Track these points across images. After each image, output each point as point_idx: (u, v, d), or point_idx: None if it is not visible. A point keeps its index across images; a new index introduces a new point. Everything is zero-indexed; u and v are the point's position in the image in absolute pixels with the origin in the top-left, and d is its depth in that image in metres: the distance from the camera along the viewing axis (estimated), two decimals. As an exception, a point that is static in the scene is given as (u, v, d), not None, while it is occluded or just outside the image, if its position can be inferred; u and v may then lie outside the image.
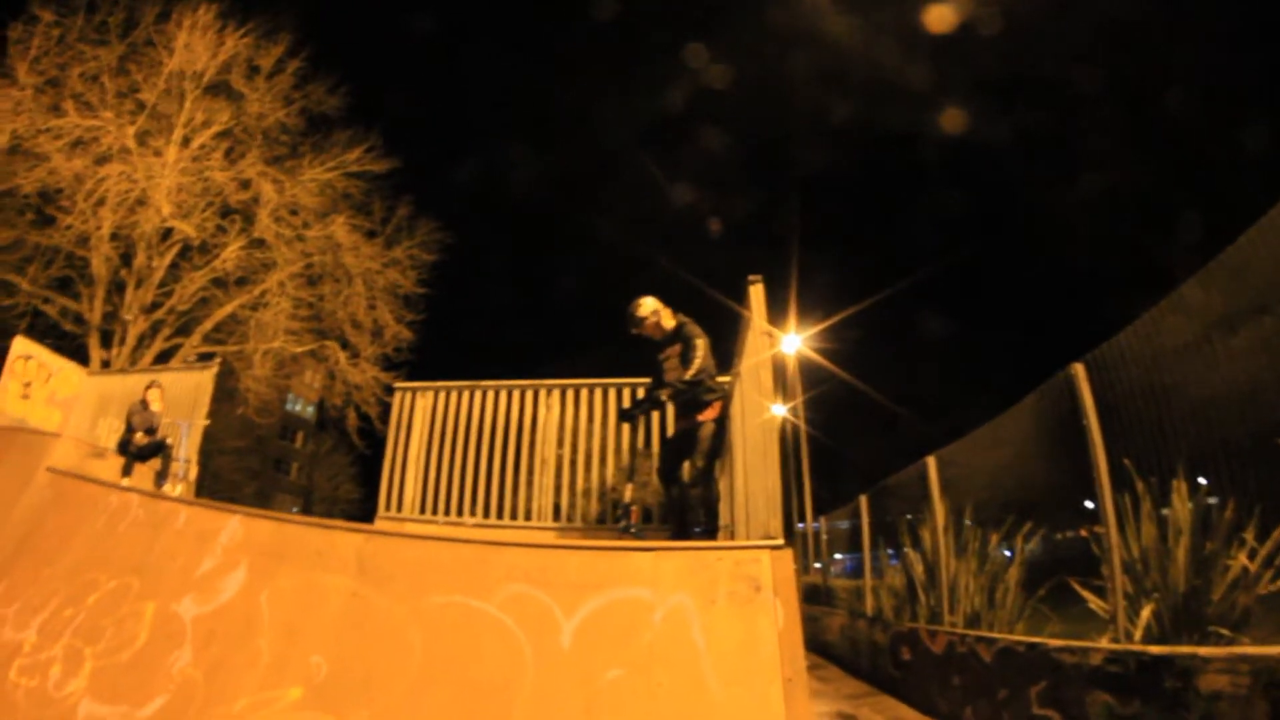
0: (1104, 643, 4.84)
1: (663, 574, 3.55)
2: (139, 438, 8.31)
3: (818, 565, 16.74)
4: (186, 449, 8.96)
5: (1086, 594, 5.49)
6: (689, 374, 4.92)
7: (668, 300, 5.37)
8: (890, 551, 10.72)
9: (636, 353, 5.58)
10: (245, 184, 20.21)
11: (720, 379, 5.24)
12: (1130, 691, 4.18)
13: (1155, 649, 4.17)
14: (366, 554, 4.22)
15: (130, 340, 19.60)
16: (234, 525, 4.91)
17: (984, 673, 6.08)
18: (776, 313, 22.82)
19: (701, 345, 5.01)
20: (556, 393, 6.58)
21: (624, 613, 3.50)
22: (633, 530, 5.91)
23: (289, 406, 51.86)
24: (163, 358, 19.75)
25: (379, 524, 6.39)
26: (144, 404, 8.57)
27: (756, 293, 4.34)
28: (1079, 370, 5.42)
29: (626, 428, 6.28)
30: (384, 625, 3.88)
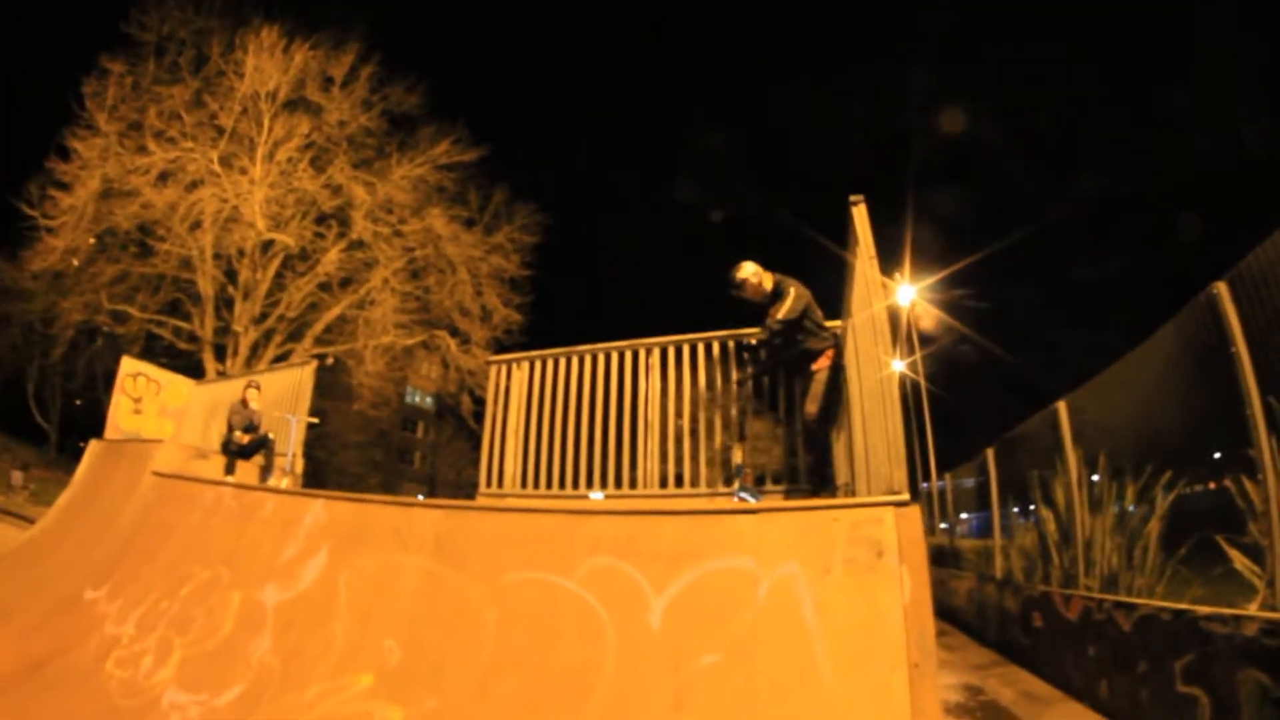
0: (1256, 611, 4.19)
1: (768, 540, 3.05)
2: (239, 436, 8.48)
3: (944, 525, 15.93)
4: (292, 443, 9.07)
5: (1235, 554, 4.81)
6: (779, 314, 4.87)
7: (782, 261, 5.32)
8: (1017, 510, 9.95)
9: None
10: (336, 190, 20.91)
11: (830, 324, 5.11)
12: None
13: None
14: (444, 531, 4.00)
15: (243, 350, 20.67)
16: (317, 509, 4.88)
17: (1123, 643, 5.45)
18: (891, 263, 21.91)
19: (794, 291, 4.93)
20: (657, 351, 6.16)
21: (723, 587, 3.03)
22: (745, 494, 5.51)
23: (408, 399, 54.21)
24: (277, 363, 20.62)
25: (479, 501, 6.22)
26: (243, 403, 8.75)
27: (860, 214, 3.83)
28: (1222, 290, 4.69)
29: (735, 382, 5.93)
30: (458, 606, 3.63)
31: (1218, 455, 5.18)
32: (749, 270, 5.22)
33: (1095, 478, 7.03)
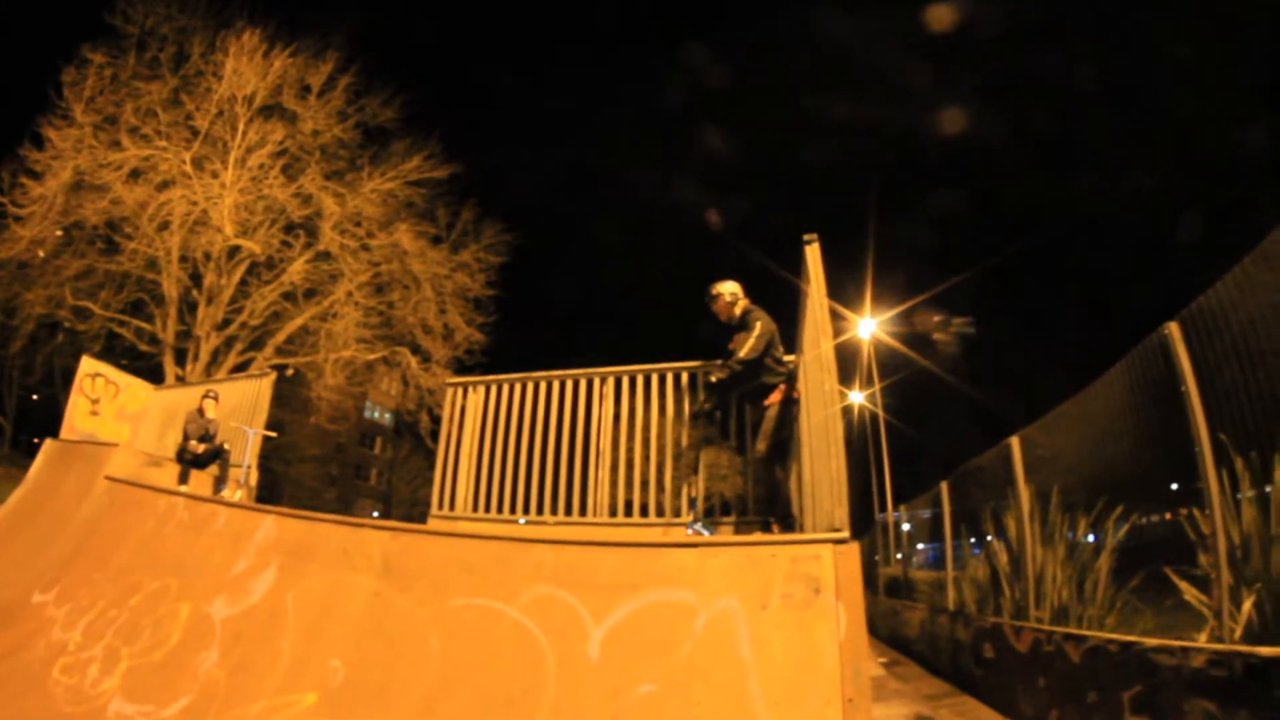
0: (1205, 642, 4.29)
1: (708, 573, 3.12)
2: (194, 445, 8.38)
3: (899, 556, 16.05)
4: (248, 455, 8.97)
5: (1184, 585, 4.91)
6: (741, 353, 4.94)
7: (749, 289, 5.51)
8: (973, 540, 10.09)
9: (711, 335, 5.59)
10: (306, 199, 20.68)
11: (789, 358, 5.19)
12: (1235, 699, 3.66)
13: (1265, 650, 3.60)
14: (392, 552, 4.03)
15: (204, 356, 20.29)
16: (268, 525, 4.89)
17: (1072, 674, 5.52)
18: (852, 298, 22.23)
19: (759, 327, 5.00)
20: (611, 380, 6.25)
21: (661, 618, 3.08)
22: (698, 526, 5.57)
23: (367, 414, 53.59)
24: (237, 371, 20.32)
25: (430, 523, 6.22)
26: (200, 412, 8.65)
27: (813, 253, 3.95)
28: (1174, 330, 4.79)
29: (688, 413, 5.98)
30: (404, 628, 3.66)
31: (1175, 486, 5.21)
32: (726, 289, 5.40)
33: (1053, 508, 7.16)
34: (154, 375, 17.45)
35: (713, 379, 5.37)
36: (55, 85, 18.66)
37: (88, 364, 10.85)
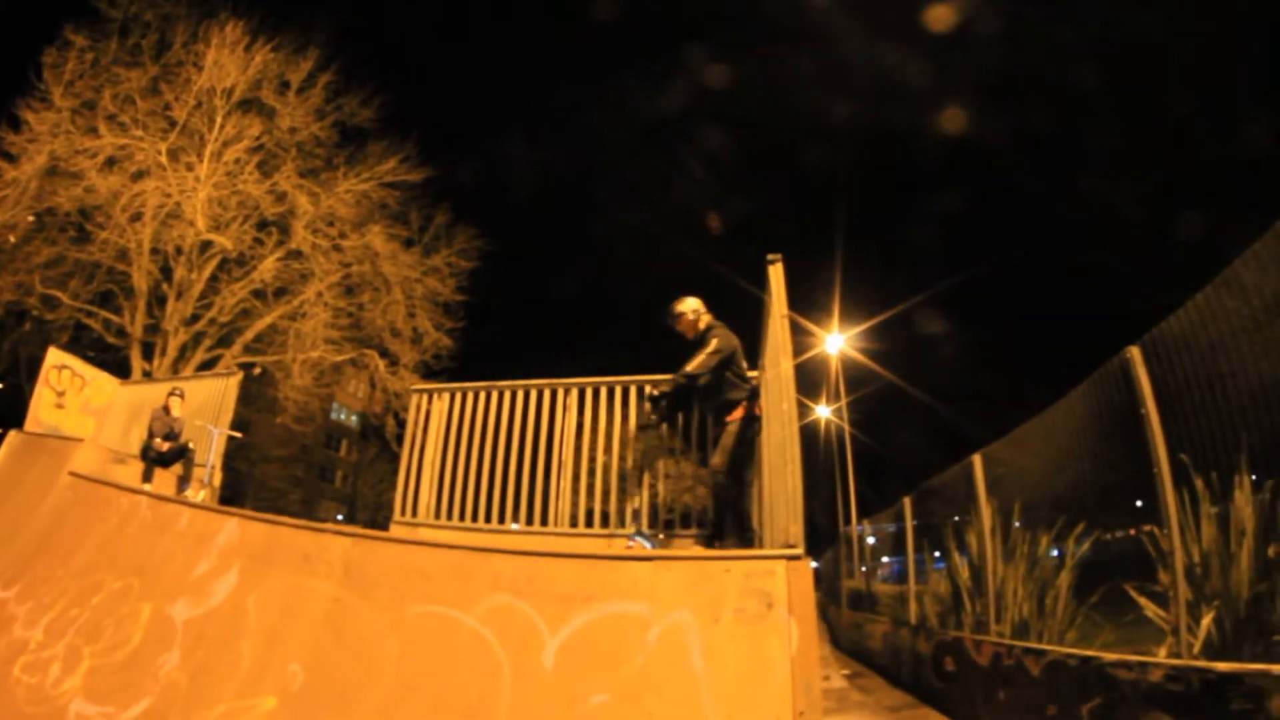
0: (1163, 657, 4.41)
1: (662, 587, 3.18)
2: (159, 443, 8.30)
3: (863, 569, 16.22)
4: (212, 455, 8.90)
5: (1144, 601, 5.04)
6: (687, 367, 4.90)
7: (720, 301, 5.50)
8: (936, 555, 10.25)
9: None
10: (280, 197, 20.48)
11: (753, 374, 5.18)
12: (1192, 712, 3.77)
13: (1222, 665, 3.74)
14: (353, 558, 4.05)
15: (171, 351, 19.99)
16: (230, 528, 4.87)
17: (1032, 687, 5.62)
18: (821, 313, 22.50)
19: (714, 344, 4.96)
20: (575, 391, 6.31)
21: (615, 630, 3.15)
22: (640, 538, 5.62)
23: (333, 415, 53.04)
24: (204, 368, 20.07)
25: (392, 529, 6.22)
26: (165, 410, 8.57)
27: (776, 273, 4.02)
28: (1135, 354, 4.93)
29: (639, 427, 6.03)
30: (363, 634, 3.69)
31: (1139, 503, 5.23)
32: (688, 306, 5.40)
33: (1016, 524, 7.28)
34: (120, 369, 17.15)
35: (655, 392, 5.40)
36: (35, 66, 18.31)
37: (55, 355, 10.68)
